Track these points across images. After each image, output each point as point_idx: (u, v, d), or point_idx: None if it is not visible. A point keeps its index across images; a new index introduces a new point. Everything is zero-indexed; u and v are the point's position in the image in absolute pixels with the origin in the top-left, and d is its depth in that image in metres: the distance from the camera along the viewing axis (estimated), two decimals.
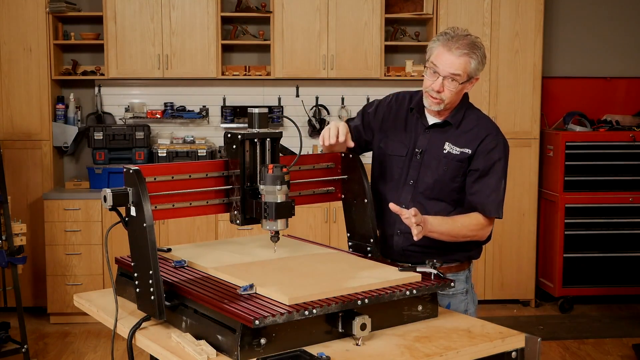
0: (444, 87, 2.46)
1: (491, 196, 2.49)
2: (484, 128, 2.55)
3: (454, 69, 2.43)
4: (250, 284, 2.06)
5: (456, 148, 2.53)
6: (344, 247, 2.92)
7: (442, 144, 2.55)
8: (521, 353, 2.10)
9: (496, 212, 2.49)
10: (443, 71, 2.44)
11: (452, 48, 2.42)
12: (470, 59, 2.43)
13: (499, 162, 2.52)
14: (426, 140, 2.58)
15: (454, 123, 2.55)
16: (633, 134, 5.56)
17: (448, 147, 2.54)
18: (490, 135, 2.54)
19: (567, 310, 5.59)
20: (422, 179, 2.56)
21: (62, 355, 4.70)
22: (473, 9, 5.54)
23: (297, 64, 5.53)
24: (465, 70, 2.44)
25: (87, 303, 2.45)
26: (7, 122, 5.38)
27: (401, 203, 2.54)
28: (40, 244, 5.29)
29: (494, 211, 2.49)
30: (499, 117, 5.60)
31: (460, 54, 2.42)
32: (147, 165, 2.24)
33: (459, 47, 2.42)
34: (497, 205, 2.50)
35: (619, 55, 6.08)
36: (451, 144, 2.54)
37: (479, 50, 2.45)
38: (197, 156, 5.43)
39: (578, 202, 5.56)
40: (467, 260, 2.65)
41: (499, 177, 2.52)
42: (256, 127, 2.37)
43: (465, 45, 2.43)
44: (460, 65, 2.43)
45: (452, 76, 2.44)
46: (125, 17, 5.40)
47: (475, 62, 2.44)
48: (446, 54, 2.43)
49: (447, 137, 2.55)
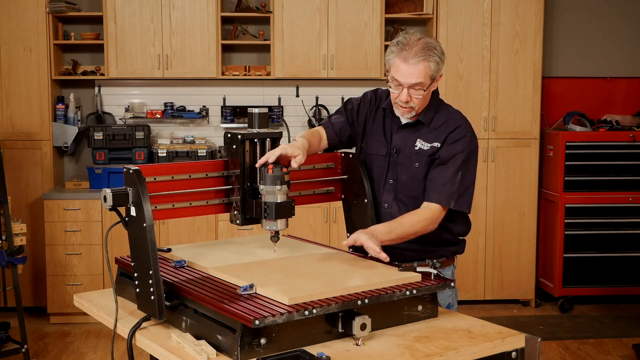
0: (411, 97, 2.47)
1: (446, 185, 2.47)
2: (454, 121, 2.56)
3: (414, 79, 2.43)
4: (250, 284, 2.06)
5: (426, 144, 2.54)
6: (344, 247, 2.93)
7: (414, 142, 2.57)
8: (521, 353, 2.10)
9: (446, 201, 2.46)
10: (405, 83, 2.45)
11: (408, 58, 2.42)
12: (428, 63, 2.43)
13: (460, 154, 2.50)
14: (400, 139, 2.60)
15: (426, 122, 2.57)
16: (633, 134, 5.56)
17: (419, 143, 2.56)
18: (460, 127, 2.54)
19: (567, 310, 5.59)
20: (400, 178, 2.58)
21: (62, 355, 4.70)
22: (473, 9, 5.54)
23: (297, 64, 5.53)
24: (426, 76, 2.44)
25: (87, 303, 2.45)
26: (7, 122, 5.38)
27: (384, 202, 2.59)
28: (40, 244, 5.29)
29: (444, 201, 2.46)
30: (499, 117, 5.60)
31: (417, 61, 2.42)
32: (147, 165, 2.24)
33: (414, 55, 2.42)
34: (448, 196, 2.46)
35: (619, 55, 6.08)
36: (422, 141, 2.55)
37: (434, 50, 2.44)
38: (197, 156, 5.43)
39: (578, 202, 5.56)
40: (452, 255, 2.68)
41: (457, 169, 2.49)
42: (256, 127, 2.37)
43: (420, 50, 2.42)
44: (420, 73, 2.43)
45: (414, 85, 2.45)
46: (125, 17, 5.40)
47: (434, 64, 2.44)
48: (403, 66, 2.44)
49: (419, 135, 2.57)
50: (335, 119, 2.72)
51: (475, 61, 5.56)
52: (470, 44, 5.55)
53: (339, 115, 2.73)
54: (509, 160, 5.65)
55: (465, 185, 2.51)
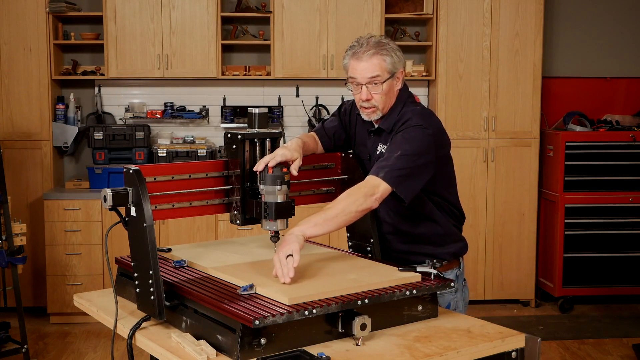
0: (371, 94, 2.46)
1: (381, 162, 2.36)
2: (406, 117, 2.47)
3: (370, 73, 2.44)
4: (250, 284, 2.06)
5: (385, 146, 2.52)
6: (344, 247, 2.93)
7: (377, 146, 2.57)
8: (521, 353, 2.10)
9: (375, 172, 2.33)
10: (362, 79, 2.45)
11: (360, 55, 2.44)
12: (381, 56, 2.43)
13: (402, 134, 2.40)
14: (371, 144, 2.61)
15: (386, 128, 2.52)
16: (633, 134, 5.56)
17: (380, 148, 2.55)
18: (408, 120, 2.45)
19: (567, 310, 5.59)
20: None
21: (62, 355, 4.70)
22: (473, 9, 5.54)
23: (297, 64, 5.53)
24: (382, 69, 2.44)
25: (87, 303, 2.45)
26: (7, 122, 5.38)
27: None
28: (40, 244, 5.29)
29: (374, 171, 2.34)
30: (499, 117, 5.60)
31: (369, 56, 2.43)
32: (147, 165, 2.24)
33: (365, 51, 2.44)
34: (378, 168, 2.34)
35: (619, 55, 6.08)
36: (382, 144, 2.55)
37: (386, 45, 2.46)
38: (197, 156, 5.43)
39: (578, 202, 5.56)
40: (453, 258, 2.62)
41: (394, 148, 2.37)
42: (256, 127, 2.37)
43: (371, 46, 2.44)
44: (374, 66, 2.43)
45: (371, 80, 2.44)
46: (125, 17, 5.40)
47: (388, 57, 2.44)
48: (357, 63, 2.45)
49: (381, 139, 2.56)
50: (329, 123, 2.72)
51: (475, 61, 5.56)
52: (470, 43, 5.55)
53: (334, 118, 2.73)
54: (509, 160, 5.65)
55: (402, 166, 2.33)
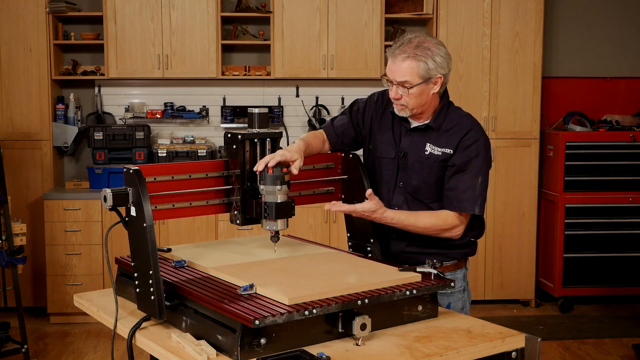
0: (401, 95, 2.46)
1: (466, 192, 2.45)
2: (465, 125, 2.51)
3: (399, 77, 2.43)
4: (250, 284, 2.06)
5: (437, 149, 2.50)
6: (344, 247, 2.93)
7: (424, 146, 2.53)
8: (521, 353, 2.10)
9: (471, 208, 2.45)
10: (393, 80, 2.46)
11: (396, 55, 2.44)
12: (416, 62, 2.41)
13: (476, 159, 2.47)
14: (408, 142, 2.56)
15: (436, 127, 2.52)
16: (633, 134, 5.56)
17: (429, 148, 2.51)
18: (471, 131, 2.49)
19: (567, 310, 5.59)
20: (410, 181, 2.55)
21: (62, 355, 4.70)
22: (473, 9, 5.54)
23: (297, 64, 5.53)
24: (412, 74, 2.42)
25: (87, 303, 2.45)
26: (7, 122, 5.38)
27: (394, 205, 2.55)
28: (40, 244, 5.29)
29: (469, 207, 2.45)
30: (499, 117, 5.60)
31: (403, 59, 2.42)
32: (147, 165, 2.24)
33: (401, 53, 2.43)
34: (472, 202, 2.45)
35: (619, 55, 6.08)
36: (432, 145, 2.51)
37: (427, 50, 2.42)
38: (197, 156, 5.43)
39: (578, 202, 5.56)
40: (463, 258, 2.65)
41: (475, 174, 2.47)
42: (256, 127, 2.37)
43: (410, 49, 2.42)
44: (405, 71, 2.42)
45: (400, 83, 2.44)
46: (125, 17, 5.40)
47: (423, 63, 2.41)
48: (391, 63, 2.46)
49: (428, 139, 2.53)
50: (339, 121, 2.69)
51: (475, 61, 5.56)
52: (470, 44, 5.55)
53: (344, 116, 2.70)
54: (509, 160, 5.65)
55: (484, 188, 2.48)
